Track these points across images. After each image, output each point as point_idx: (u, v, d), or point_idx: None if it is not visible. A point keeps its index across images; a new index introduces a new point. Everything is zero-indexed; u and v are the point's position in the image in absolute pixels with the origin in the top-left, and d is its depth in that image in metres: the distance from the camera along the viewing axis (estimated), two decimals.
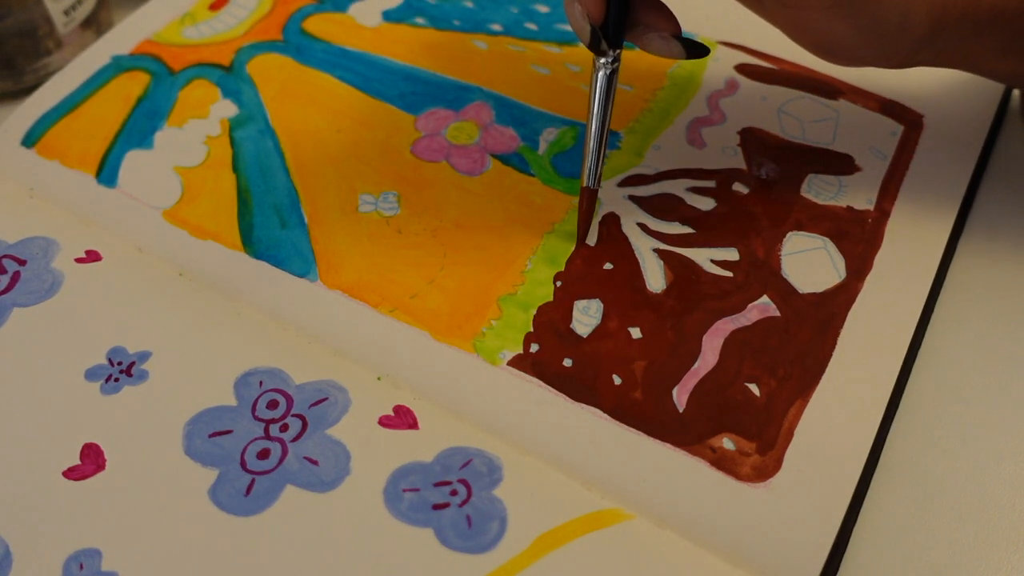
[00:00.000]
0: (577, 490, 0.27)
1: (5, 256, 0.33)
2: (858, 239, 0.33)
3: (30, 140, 0.36)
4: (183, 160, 0.35)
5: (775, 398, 0.29)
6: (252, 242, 0.33)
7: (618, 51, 0.30)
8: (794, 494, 0.27)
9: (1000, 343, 0.31)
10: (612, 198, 0.34)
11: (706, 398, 0.29)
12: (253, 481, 0.27)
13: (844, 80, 0.38)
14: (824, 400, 0.29)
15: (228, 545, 0.26)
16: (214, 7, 0.41)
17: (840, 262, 0.32)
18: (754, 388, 0.29)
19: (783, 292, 0.31)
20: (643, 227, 0.33)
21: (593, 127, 0.30)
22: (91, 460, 0.28)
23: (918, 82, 0.37)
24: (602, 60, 0.30)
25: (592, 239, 0.33)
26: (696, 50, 0.30)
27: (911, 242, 0.33)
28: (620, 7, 0.29)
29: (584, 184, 0.31)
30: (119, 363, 0.30)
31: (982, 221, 0.34)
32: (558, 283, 0.32)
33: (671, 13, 0.30)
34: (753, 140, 0.36)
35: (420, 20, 0.41)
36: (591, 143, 0.31)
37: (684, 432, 0.28)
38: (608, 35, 0.29)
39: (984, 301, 0.32)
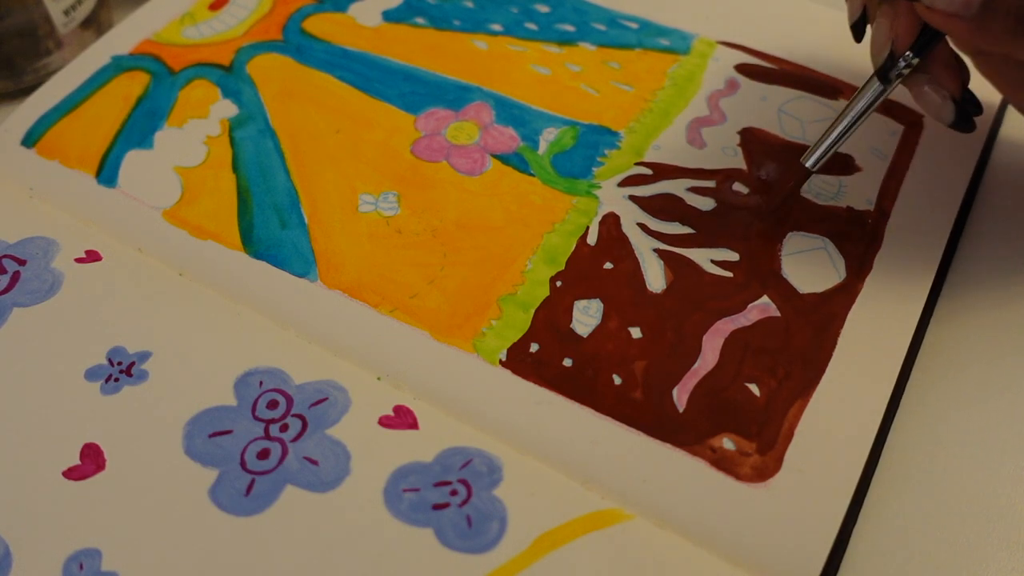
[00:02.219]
0: (577, 490, 0.27)
1: (5, 256, 0.33)
2: (858, 239, 0.33)
3: (30, 140, 0.36)
4: (183, 160, 0.35)
5: (775, 398, 0.29)
6: (252, 242, 0.33)
7: (896, 83, 0.29)
8: (794, 494, 0.27)
9: (1000, 343, 0.31)
10: (612, 198, 0.34)
11: (706, 398, 0.29)
12: (253, 481, 0.27)
13: (844, 80, 0.38)
14: (824, 400, 0.29)
15: (228, 545, 0.26)
16: (214, 7, 0.41)
17: (840, 262, 0.32)
18: (754, 388, 0.29)
19: (783, 292, 0.31)
20: (643, 227, 0.33)
21: (842, 124, 0.31)
22: (91, 460, 0.28)
23: None
24: (879, 85, 0.30)
25: (592, 239, 0.33)
26: (963, 122, 0.30)
27: (911, 242, 0.33)
28: (926, 47, 0.29)
29: (805, 162, 0.31)
30: (119, 363, 0.30)
31: (982, 221, 0.34)
32: (558, 283, 0.32)
33: (959, 74, 0.30)
34: (753, 140, 0.36)
35: (420, 20, 0.41)
36: (832, 134, 0.31)
37: (684, 432, 0.28)
38: (895, 66, 0.29)
39: (984, 301, 0.32)
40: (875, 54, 0.29)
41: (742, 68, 0.38)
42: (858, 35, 0.31)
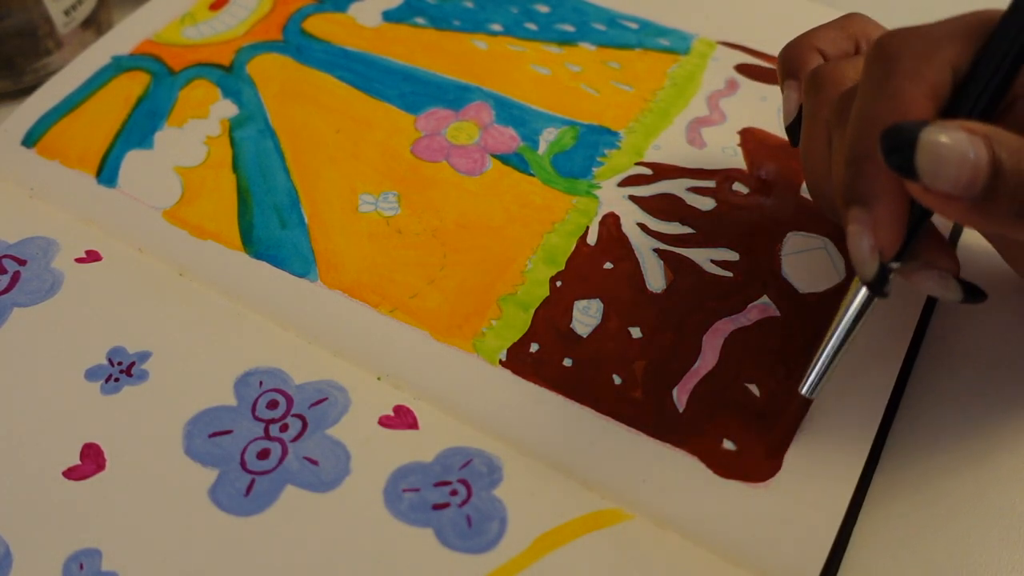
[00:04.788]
0: (577, 490, 0.27)
1: (5, 256, 0.33)
2: None
3: (30, 140, 0.36)
4: (183, 160, 0.35)
5: (775, 398, 0.29)
6: (252, 242, 0.33)
7: (889, 292, 0.26)
8: (794, 494, 0.27)
9: (1000, 342, 0.31)
10: (612, 198, 0.34)
11: (706, 398, 0.29)
12: (253, 481, 0.27)
13: None
14: (824, 400, 0.29)
15: (228, 545, 0.26)
16: (214, 7, 0.41)
17: (840, 262, 0.32)
18: (754, 388, 0.29)
19: (783, 292, 0.31)
20: (643, 227, 0.33)
21: (833, 340, 0.26)
22: (91, 460, 0.28)
23: None
24: (868, 296, 0.26)
25: (592, 239, 0.33)
26: (974, 295, 0.26)
27: None
28: (911, 242, 0.25)
29: (801, 390, 0.27)
30: (119, 363, 0.30)
31: None
32: (558, 283, 0.32)
33: (953, 252, 0.26)
34: (753, 140, 0.36)
35: (420, 20, 0.41)
36: (824, 354, 0.26)
37: (684, 432, 0.28)
38: (887, 278, 0.25)
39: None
40: (860, 267, 0.25)
41: (742, 68, 0.38)
42: (794, 137, 0.30)
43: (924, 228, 0.25)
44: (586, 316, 0.31)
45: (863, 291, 0.26)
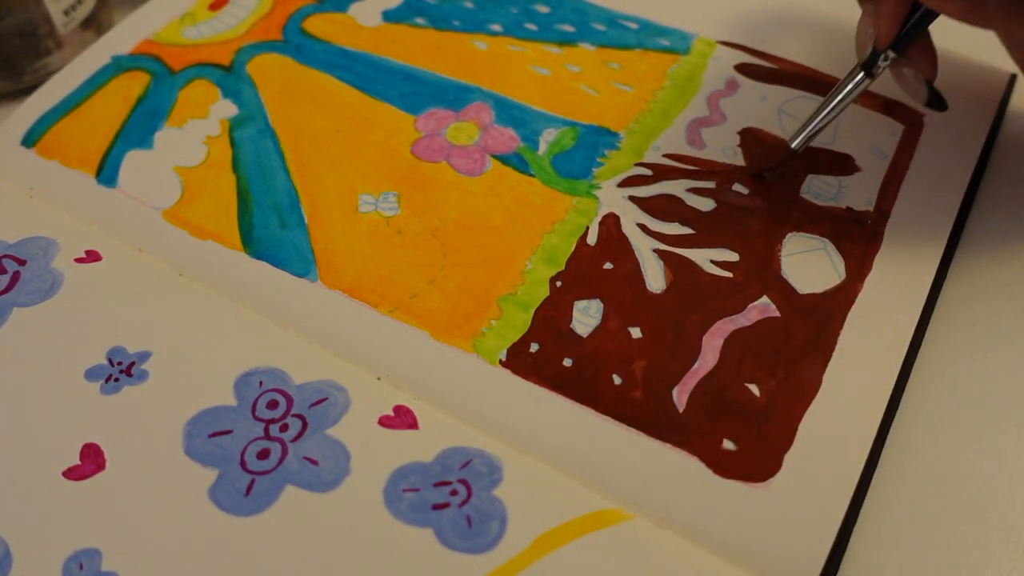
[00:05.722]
0: (577, 490, 0.27)
1: (5, 256, 0.33)
2: (858, 239, 0.33)
3: (30, 140, 0.36)
4: (183, 160, 0.35)
5: (775, 398, 0.29)
6: (252, 242, 0.33)
7: (879, 75, 0.31)
8: (794, 494, 0.27)
9: (1000, 343, 0.31)
10: (612, 198, 0.34)
11: (706, 398, 0.29)
12: (253, 481, 0.27)
13: None
14: (824, 400, 0.29)
15: (228, 545, 0.26)
16: (214, 7, 0.41)
17: (840, 263, 0.32)
18: (754, 388, 0.29)
19: (783, 292, 0.31)
20: (643, 227, 0.33)
21: (825, 111, 0.32)
22: (91, 460, 0.28)
23: None
24: (863, 76, 0.31)
25: (592, 239, 0.33)
26: (936, 103, 0.32)
27: (911, 242, 0.33)
28: (906, 43, 0.30)
29: (791, 144, 0.33)
30: (119, 363, 0.30)
31: (982, 221, 0.34)
32: (558, 283, 0.32)
33: (936, 59, 0.32)
34: (753, 140, 0.36)
35: (420, 20, 0.41)
36: (816, 119, 0.33)
37: (684, 432, 0.28)
38: (876, 61, 0.31)
39: (984, 301, 0.32)
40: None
41: (742, 68, 0.38)
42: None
43: (920, 36, 0.30)
44: (586, 316, 0.31)
45: (860, 74, 0.31)
